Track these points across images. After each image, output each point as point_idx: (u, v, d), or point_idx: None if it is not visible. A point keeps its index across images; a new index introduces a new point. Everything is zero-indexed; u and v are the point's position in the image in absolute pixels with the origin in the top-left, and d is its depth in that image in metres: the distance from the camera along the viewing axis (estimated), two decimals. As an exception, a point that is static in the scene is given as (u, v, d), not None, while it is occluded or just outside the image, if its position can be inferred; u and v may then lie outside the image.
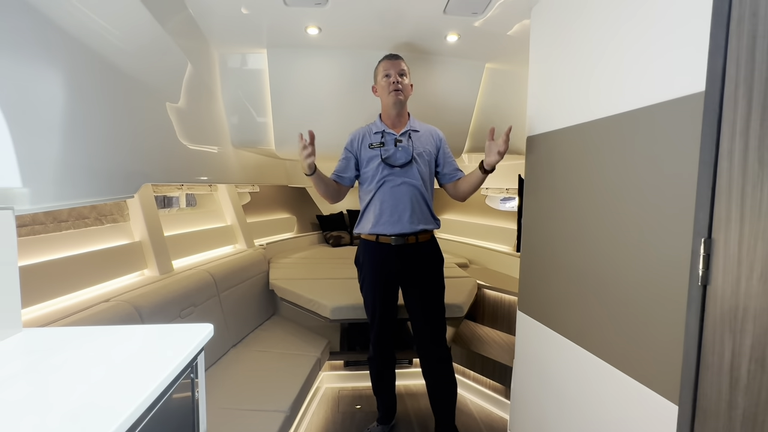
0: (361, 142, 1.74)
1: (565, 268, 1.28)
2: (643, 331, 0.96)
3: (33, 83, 0.98)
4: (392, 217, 1.66)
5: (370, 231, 1.71)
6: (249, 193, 3.40)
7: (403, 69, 1.67)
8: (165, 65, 1.70)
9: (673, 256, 0.87)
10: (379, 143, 1.69)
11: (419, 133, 1.72)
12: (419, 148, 1.69)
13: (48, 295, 1.45)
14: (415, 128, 1.72)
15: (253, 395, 1.70)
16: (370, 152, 1.70)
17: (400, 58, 1.69)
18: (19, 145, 0.91)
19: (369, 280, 1.76)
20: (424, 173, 1.69)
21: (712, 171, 0.80)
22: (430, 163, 1.71)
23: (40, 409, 0.62)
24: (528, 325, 1.52)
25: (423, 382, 1.83)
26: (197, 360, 0.90)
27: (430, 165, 1.72)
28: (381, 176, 1.67)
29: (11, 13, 0.92)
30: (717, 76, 0.79)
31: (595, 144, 1.15)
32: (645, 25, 0.97)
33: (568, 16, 1.30)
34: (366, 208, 1.74)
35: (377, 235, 1.69)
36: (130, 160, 1.47)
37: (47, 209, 1.05)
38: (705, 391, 0.81)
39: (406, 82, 1.67)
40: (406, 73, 1.68)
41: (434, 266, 1.75)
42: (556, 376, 1.34)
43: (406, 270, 1.70)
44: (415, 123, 1.74)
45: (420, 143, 1.70)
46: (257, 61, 2.21)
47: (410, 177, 1.67)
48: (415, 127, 1.72)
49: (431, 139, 1.73)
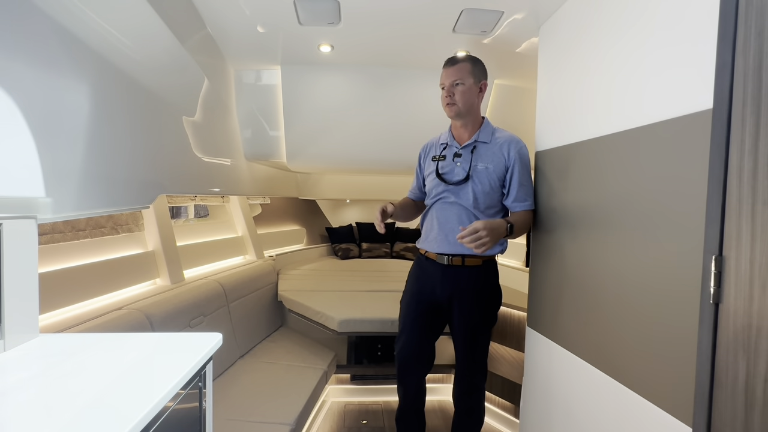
0: (426, 153, 1.63)
1: (574, 285, 1.27)
2: (654, 350, 0.94)
3: (59, 96, 1.03)
4: (440, 234, 1.51)
5: (419, 245, 1.62)
6: (260, 204, 3.46)
7: (458, 78, 1.44)
8: (183, 81, 1.77)
9: (684, 273, 0.87)
10: (440, 156, 1.54)
11: (488, 145, 1.47)
12: (480, 164, 1.46)
13: (65, 302, 1.49)
14: (484, 140, 1.48)
15: (259, 407, 1.70)
16: (431, 165, 1.56)
17: (457, 63, 1.45)
18: (44, 156, 0.95)
19: (407, 290, 1.66)
20: (479, 192, 1.45)
21: (722, 188, 0.79)
22: (492, 181, 1.45)
23: (48, 413, 0.63)
24: (537, 342, 1.49)
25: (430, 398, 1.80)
26: (206, 369, 0.91)
27: (492, 183, 1.45)
28: (436, 192, 1.52)
29: (42, 31, 0.98)
30: (724, 94, 0.80)
31: (603, 159, 1.15)
32: (652, 44, 0.98)
33: (577, 34, 1.32)
34: (422, 222, 1.64)
35: (426, 250, 1.58)
36: (148, 172, 1.52)
37: (68, 218, 1.09)
38: (719, 411, 0.79)
39: (461, 90, 1.44)
40: (464, 80, 1.44)
41: (480, 298, 1.51)
42: (565, 394, 1.31)
43: (451, 294, 1.51)
44: (487, 133, 1.49)
45: (483, 158, 1.46)
46: (271, 77, 2.28)
47: (462, 196, 1.47)
48: (484, 138, 1.48)
49: (501, 153, 1.45)
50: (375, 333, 2.15)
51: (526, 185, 1.46)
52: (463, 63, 1.46)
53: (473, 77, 1.46)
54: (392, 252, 4.16)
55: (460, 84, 1.44)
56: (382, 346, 2.64)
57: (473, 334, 1.53)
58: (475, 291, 1.50)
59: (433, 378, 2.59)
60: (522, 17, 1.58)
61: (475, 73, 1.46)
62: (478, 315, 1.51)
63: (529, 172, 1.49)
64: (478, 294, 1.51)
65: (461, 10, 1.54)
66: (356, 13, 1.59)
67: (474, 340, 1.54)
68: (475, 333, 1.53)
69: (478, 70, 1.47)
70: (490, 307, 1.54)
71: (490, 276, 1.53)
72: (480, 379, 1.59)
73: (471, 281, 1.50)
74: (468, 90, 1.45)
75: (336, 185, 3.90)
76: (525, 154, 1.47)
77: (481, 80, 1.48)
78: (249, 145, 2.48)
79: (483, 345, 1.56)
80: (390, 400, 2.52)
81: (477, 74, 1.47)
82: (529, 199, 1.47)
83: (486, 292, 1.52)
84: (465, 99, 1.45)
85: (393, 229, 4.36)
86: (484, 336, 1.56)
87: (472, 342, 1.54)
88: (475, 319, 1.52)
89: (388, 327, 2.13)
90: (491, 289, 1.53)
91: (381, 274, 3.31)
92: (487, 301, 1.53)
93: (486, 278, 1.52)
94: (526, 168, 1.47)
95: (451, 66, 1.46)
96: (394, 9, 1.55)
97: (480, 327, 1.53)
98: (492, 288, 1.54)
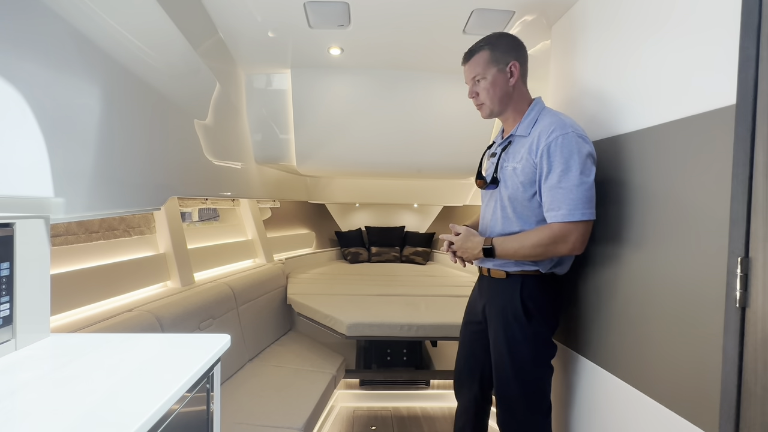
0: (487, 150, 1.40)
1: (590, 288, 1.23)
2: (677, 357, 0.90)
3: (71, 98, 1.05)
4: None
5: None
6: (270, 208, 3.48)
7: (477, 73, 1.23)
8: (195, 85, 1.79)
9: (708, 276, 0.83)
10: (491, 153, 1.33)
11: (525, 138, 1.19)
12: (509, 164, 1.22)
13: (77, 303, 1.50)
14: (522, 133, 1.21)
15: (268, 411, 1.68)
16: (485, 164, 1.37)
17: (473, 56, 1.24)
18: (54, 157, 0.96)
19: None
20: (507, 198, 1.21)
21: (747, 187, 0.76)
22: (524, 182, 1.17)
23: (55, 413, 0.63)
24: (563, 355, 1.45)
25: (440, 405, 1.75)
26: (213, 371, 0.91)
27: (524, 184, 1.17)
28: (482, 194, 1.34)
29: (56, 33, 0.99)
30: (749, 89, 0.77)
31: (620, 159, 1.12)
32: (670, 39, 0.96)
33: (590, 33, 1.30)
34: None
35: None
36: (159, 174, 1.53)
37: (80, 219, 1.10)
38: (747, 422, 0.75)
39: (484, 86, 1.23)
40: (484, 74, 1.22)
41: (504, 317, 1.22)
42: (581, 402, 1.27)
43: (485, 307, 1.31)
44: (527, 123, 1.21)
45: (515, 156, 1.21)
46: (281, 81, 2.29)
47: (493, 200, 1.26)
48: (522, 131, 1.21)
49: (533, 147, 1.14)
50: (384, 337, 2.12)
51: (559, 188, 1.09)
52: (479, 54, 1.22)
53: (495, 64, 1.20)
54: (402, 256, 4.14)
55: (482, 79, 1.23)
56: (391, 351, 2.61)
57: (500, 365, 1.23)
58: (500, 308, 1.24)
59: (443, 384, 2.55)
60: (533, 18, 1.56)
61: (496, 59, 1.20)
62: (503, 339, 1.22)
63: (572, 168, 1.08)
64: (503, 312, 1.23)
65: (471, 11, 1.52)
66: (366, 16, 1.59)
67: (502, 371, 1.22)
68: (503, 364, 1.22)
69: (500, 53, 1.21)
70: (515, 332, 1.20)
71: (523, 295, 1.19)
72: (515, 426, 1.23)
73: (497, 295, 1.25)
74: (492, 83, 1.21)
75: (345, 189, 3.91)
76: (565, 145, 1.09)
77: (509, 62, 1.20)
78: (259, 148, 2.49)
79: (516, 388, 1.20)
80: (399, 407, 2.49)
81: (500, 58, 1.20)
82: (560, 208, 1.08)
83: (509, 311, 1.21)
84: (492, 95, 1.22)
85: (403, 233, 4.34)
86: (519, 374, 1.19)
87: (500, 374, 1.23)
88: (499, 344, 1.23)
89: (398, 331, 2.10)
90: (517, 312, 1.19)
91: (390, 278, 3.29)
92: (508, 326, 1.21)
93: (511, 297, 1.21)
94: (564, 163, 1.08)
95: (467, 62, 1.25)
96: (404, 10, 1.54)
97: (505, 357, 1.21)
98: (518, 311, 1.19)
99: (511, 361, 1.20)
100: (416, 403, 2.51)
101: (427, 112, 2.35)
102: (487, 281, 1.29)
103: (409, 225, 4.44)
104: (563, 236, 1.09)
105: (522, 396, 1.21)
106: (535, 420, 1.21)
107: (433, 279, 3.27)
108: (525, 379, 1.20)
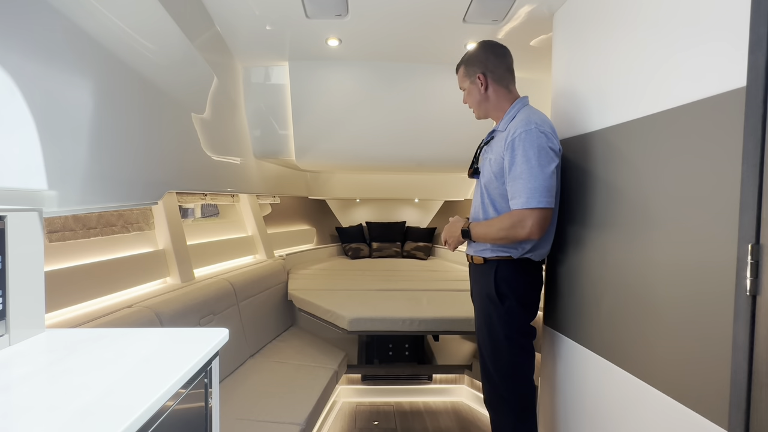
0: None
1: (594, 279, 1.21)
2: (685, 347, 0.88)
3: (64, 90, 1.03)
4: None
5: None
6: (270, 204, 3.46)
7: (461, 85, 1.43)
8: (192, 78, 1.76)
9: (717, 263, 0.81)
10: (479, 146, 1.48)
11: (502, 133, 1.31)
12: (488, 155, 1.35)
13: (75, 300, 1.49)
14: (501, 128, 1.33)
15: (269, 407, 1.67)
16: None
17: (457, 72, 1.43)
18: (47, 149, 0.94)
19: None
20: (483, 186, 1.35)
21: (758, 171, 0.74)
22: (496, 173, 1.28)
23: (49, 408, 0.61)
24: (554, 340, 1.44)
25: (443, 399, 1.75)
26: (211, 365, 0.89)
27: (496, 174, 1.28)
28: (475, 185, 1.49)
29: (45, 23, 0.97)
30: (759, 71, 0.74)
31: (628, 146, 1.09)
32: (678, 20, 0.93)
33: (594, 17, 1.27)
34: None
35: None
36: (155, 168, 1.51)
37: (74, 212, 1.08)
38: (759, 413, 0.73)
39: (466, 97, 1.42)
40: (463, 85, 1.42)
41: (482, 299, 1.37)
42: (586, 394, 1.25)
43: (471, 292, 1.48)
44: (506, 120, 1.32)
45: (493, 149, 1.34)
46: (279, 75, 2.27)
47: (478, 189, 1.40)
48: (501, 126, 1.33)
49: (505, 141, 1.25)
50: (386, 332, 2.10)
51: (520, 178, 1.19)
52: (459, 69, 1.42)
53: (468, 77, 1.38)
54: (403, 251, 4.13)
55: (464, 90, 1.42)
56: (393, 346, 2.60)
57: (480, 342, 1.42)
58: (479, 290, 1.39)
59: (445, 379, 2.54)
60: (534, 6, 1.52)
61: (468, 73, 1.38)
62: (481, 319, 1.39)
63: (531, 160, 1.18)
64: (481, 294, 1.38)
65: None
66: (364, 4, 1.56)
67: (482, 347, 1.41)
68: (483, 341, 1.40)
69: (469, 67, 1.37)
70: (491, 312, 1.33)
71: (497, 278, 1.32)
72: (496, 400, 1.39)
73: (478, 279, 1.40)
74: (469, 93, 1.40)
75: (346, 184, 3.89)
76: (527, 139, 1.19)
77: (476, 73, 1.35)
78: (258, 143, 2.47)
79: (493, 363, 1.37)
80: (402, 401, 2.48)
81: (470, 71, 1.37)
82: (520, 196, 1.19)
83: (485, 293, 1.35)
84: (471, 102, 1.41)
85: (404, 228, 4.32)
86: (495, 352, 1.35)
87: (481, 351, 1.43)
88: (479, 323, 1.41)
89: (399, 326, 2.08)
90: (491, 293, 1.32)
91: (392, 273, 3.27)
92: (485, 306, 1.36)
93: (487, 280, 1.34)
94: (524, 156, 1.18)
95: (456, 75, 1.44)
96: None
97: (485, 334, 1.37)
98: (492, 292, 1.32)
99: (489, 338, 1.35)
100: (419, 398, 2.50)
101: (427, 104, 2.32)
102: (472, 267, 1.44)
103: (410, 220, 4.42)
104: (521, 221, 1.19)
105: (499, 372, 1.35)
106: (516, 398, 1.34)
107: (435, 273, 3.25)
108: (501, 357, 1.34)
